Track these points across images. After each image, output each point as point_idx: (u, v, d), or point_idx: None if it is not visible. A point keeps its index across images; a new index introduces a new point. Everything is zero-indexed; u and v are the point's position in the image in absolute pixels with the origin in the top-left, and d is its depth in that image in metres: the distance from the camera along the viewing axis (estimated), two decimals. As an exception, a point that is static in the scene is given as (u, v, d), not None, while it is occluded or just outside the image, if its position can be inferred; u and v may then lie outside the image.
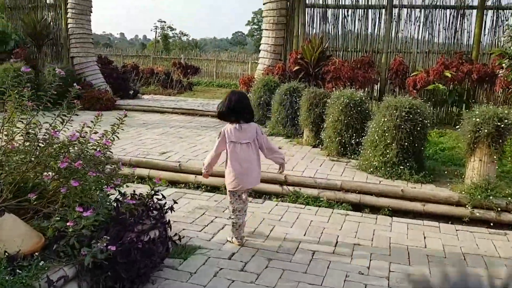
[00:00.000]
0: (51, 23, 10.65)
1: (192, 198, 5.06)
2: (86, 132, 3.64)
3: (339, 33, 9.47)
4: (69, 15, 10.44)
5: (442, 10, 9.04)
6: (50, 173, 3.17)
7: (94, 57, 10.94)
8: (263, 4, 9.66)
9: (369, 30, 9.36)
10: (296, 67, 9.02)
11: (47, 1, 10.80)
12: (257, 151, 3.81)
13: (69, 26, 10.47)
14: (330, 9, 9.40)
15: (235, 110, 3.69)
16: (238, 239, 3.86)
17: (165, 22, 67.85)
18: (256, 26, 78.51)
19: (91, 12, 10.78)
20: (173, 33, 70.26)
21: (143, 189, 5.37)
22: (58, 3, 10.69)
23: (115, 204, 3.19)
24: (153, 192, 3.51)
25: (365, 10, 9.25)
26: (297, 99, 7.85)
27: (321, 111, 7.02)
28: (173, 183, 5.57)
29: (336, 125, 6.43)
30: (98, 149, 3.46)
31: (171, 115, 10.02)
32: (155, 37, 73.61)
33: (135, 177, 5.69)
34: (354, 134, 6.40)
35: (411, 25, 9.17)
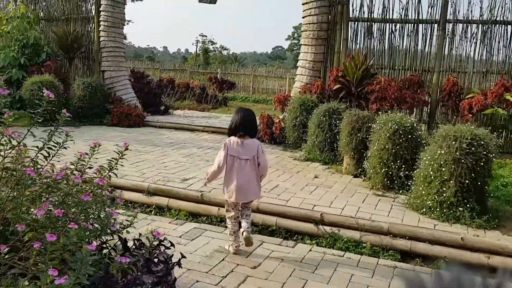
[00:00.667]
0: (83, 36, 10.37)
1: (213, 236, 4.38)
2: (84, 164, 3.02)
3: (386, 49, 8.66)
4: (101, 27, 10.15)
5: (502, 26, 8.08)
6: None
7: (126, 71, 10.58)
8: (302, 17, 9.00)
9: (419, 47, 8.50)
10: (337, 86, 8.27)
11: (81, 14, 10.55)
12: (255, 168, 3.90)
13: (101, 39, 10.17)
14: (376, 24, 8.62)
15: (244, 126, 3.88)
16: (233, 246, 3.98)
17: (206, 36, 68.80)
18: (296, 41, 78.23)
19: (124, 25, 10.46)
20: (213, 47, 71.19)
21: (159, 222, 4.79)
22: (91, 16, 10.42)
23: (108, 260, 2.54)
24: (157, 242, 2.85)
25: (415, 25, 8.41)
26: (337, 122, 7.10)
27: (365, 136, 6.24)
28: (194, 215, 4.92)
29: (382, 154, 5.62)
30: (93, 188, 2.82)
31: (201, 134, 9.46)
32: (196, 51, 74.83)
33: (153, 207, 5.09)
34: (403, 166, 5.57)
35: (466, 42, 8.25)
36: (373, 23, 8.67)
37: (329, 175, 6.43)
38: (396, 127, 5.57)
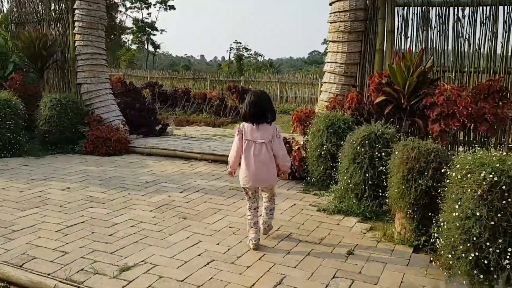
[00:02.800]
0: (56, 41, 8.32)
1: None
2: None
3: (449, 44, 6.08)
4: (75, 29, 8.06)
5: None
6: None
7: (107, 83, 8.43)
8: (330, 4, 6.56)
9: (499, 40, 5.89)
10: (380, 98, 5.76)
11: (53, 14, 8.51)
12: (271, 152, 3.79)
13: (76, 44, 8.08)
14: (434, 8, 6.07)
15: (256, 114, 3.74)
16: (253, 240, 3.76)
17: (240, 43, 67.21)
18: (331, 45, 75.37)
19: (104, 25, 8.34)
20: (248, 54, 69.54)
21: None
22: (66, 16, 8.36)
23: None
24: None
25: (494, 7, 5.81)
26: (383, 155, 4.64)
27: (431, 184, 3.78)
28: None
29: (468, 225, 3.12)
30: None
31: (197, 164, 7.15)
32: (229, 58, 73.46)
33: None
34: (510, 249, 3.05)
35: None
36: (431, 8, 6.11)
37: (372, 246, 3.94)
38: (496, 178, 3.06)
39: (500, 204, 3.04)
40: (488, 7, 5.85)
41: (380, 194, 4.66)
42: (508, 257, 3.05)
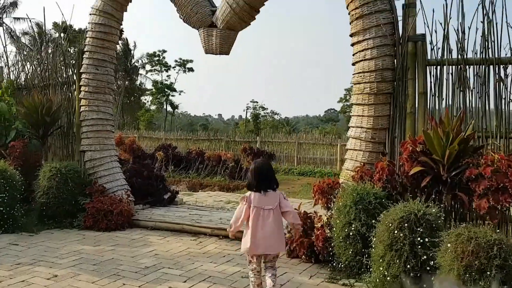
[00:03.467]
0: (61, 106, 7.89)
1: None
2: None
3: (491, 106, 5.37)
4: (81, 94, 7.63)
5: None
6: None
7: (113, 150, 7.86)
8: (353, 64, 5.98)
9: (550, 100, 5.17)
10: (416, 168, 4.99)
11: (60, 79, 8.16)
12: (279, 218, 3.90)
13: (81, 109, 7.63)
14: (472, 67, 5.42)
15: (262, 183, 3.90)
16: None
17: (257, 102, 68.08)
18: (348, 103, 75.84)
19: (112, 90, 7.92)
20: (264, 113, 70.08)
21: None
22: (73, 80, 7.98)
23: None
24: None
25: (541, 64, 5.14)
26: (426, 239, 3.82)
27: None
28: None
29: None
30: None
31: (206, 241, 6.35)
32: (246, 117, 74.11)
33: None
34: None
35: None
36: (468, 66, 5.47)
37: None
38: None
39: None
40: (534, 65, 5.19)
41: (427, 290, 3.78)
42: None
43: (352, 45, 5.97)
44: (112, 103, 7.87)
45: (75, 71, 7.83)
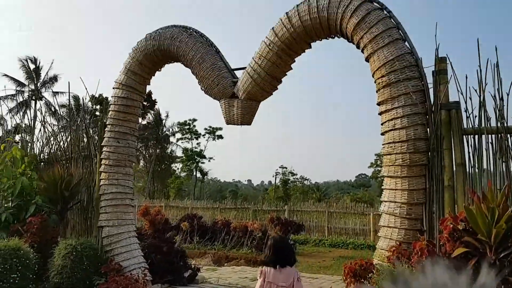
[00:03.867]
0: (81, 180, 7.73)
1: None
2: None
3: (540, 178, 4.82)
4: (101, 168, 7.48)
5: None
6: None
7: (131, 225, 7.53)
8: (382, 133, 5.60)
9: None
10: (460, 250, 4.40)
11: (83, 152, 8.08)
12: None
13: (101, 183, 7.44)
14: (514, 135, 4.95)
15: (281, 257, 3.93)
16: None
17: (286, 168, 67.87)
18: (379, 168, 74.48)
19: (133, 162, 7.74)
20: (294, 178, 69.51)
21: None
22: (93, 153, 7.88)
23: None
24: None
25: None
26: None
27: None
28: None
29: None
30: None
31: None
32: (275, 183, 73.56)
33: None
34: None
35: None
36: (509, 135, 5.00)
37: None
38: None
39: None
40: None
41: None
42: None
43: (380, 114, 5.64)
44: (132, 175, 7.66)
45: (97, 144, 7.74)
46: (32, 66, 46.03)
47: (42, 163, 8.57)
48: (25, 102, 45.20)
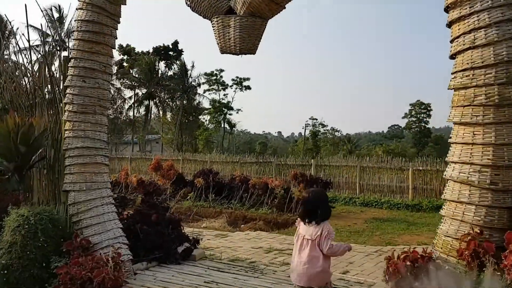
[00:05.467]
0: (45, 131, 6.04)
1: None
2: None
3: None
4: (65, 115, 5.75)
5: None
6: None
7: (105, 189, 5.84)
8: (451, 55, 3.54)
9: None
10: None
11: (47, 95, 6.34)
12: (317, 252, 3.66)
13: (65, 135, 5.74)
14: None
15: (307, 213, 3.79)
16: None
17: (316, 119, 66.10)
18: (414, 119, 71.30)
19: (106, 108, 5.98)
20: (324, 130, 67.81)
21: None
22: (59, 97, 6.13)
23: None
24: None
25: None
26: None
27: None
28: None
29: None
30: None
31: None
32: (304, 135, 71.92)
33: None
34: None
35: None
36: None
37: None
38: None
39: None
40: None
41: None
42: None
43: (450, 24, 3.58)
44: (105, 125, 5.90)
45: (61, 85, 5.99)
46: (56, 15, 44.44)
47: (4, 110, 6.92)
48: (50, 52, 44.32)
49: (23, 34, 42.37)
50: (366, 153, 42.10)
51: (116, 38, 5.95)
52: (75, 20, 5.76)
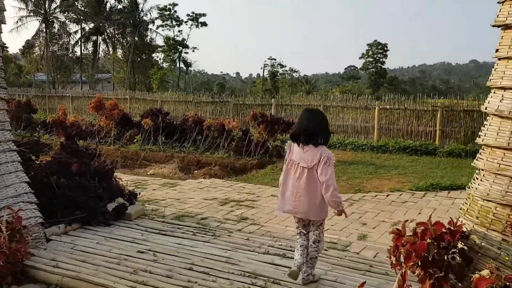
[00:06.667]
0: None
1: None
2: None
3: None
4: None
5: None
6: None
7: (3, 131, 4.32)
8: None
9: None
10: None
11: None
12: (315, 180, 3.26)
13: None
14: None
15: (304, 132, 3.30)
16: (295, 262, 3.36)
17: (275, 59, 64.60)
18: (370, 59, 71.18)
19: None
20: (283, 70, 66.72)
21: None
22: None
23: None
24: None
25: None
26: None
27: None
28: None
29: None
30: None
31: None
32: (263, 75, 70.46)
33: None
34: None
35: None
36: None
37: None
38: None
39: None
40: None
41: None
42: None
43: None
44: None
45: None
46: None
47: None
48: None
49: None
50: (324, 94, 41.55)
51: None
52: None
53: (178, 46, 55.48)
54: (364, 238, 5.07)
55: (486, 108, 2.45)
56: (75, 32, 44.77)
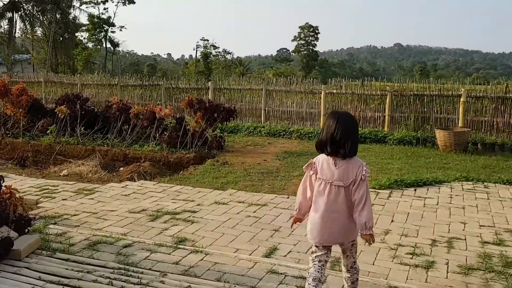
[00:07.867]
0: None
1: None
2: None
3: None
4: None
5: None
6: None
7: None
8: None
9: None
10: None
11: None
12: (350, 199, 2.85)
13: None
14: None
15: (336, 140, 2.77)
16: None
17: (208, 40, 63.01)
18: (302, 42, 71.63)
19: None
20: (216, 52, 65.35)
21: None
22: None
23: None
24: None
25: None
26: None
27: None
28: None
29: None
30: None
31: None
32: (196, 56, 68.42)
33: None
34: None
35: None
36: None
37: None
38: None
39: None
40: None
41: None
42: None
43: None
44: None
45: None
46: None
47: None
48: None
49: None
50: (258, 76, 40.73)
51: None
52: None
53: (103, 25, 52.72)
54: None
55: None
56: (-13, 8, 40.09)
